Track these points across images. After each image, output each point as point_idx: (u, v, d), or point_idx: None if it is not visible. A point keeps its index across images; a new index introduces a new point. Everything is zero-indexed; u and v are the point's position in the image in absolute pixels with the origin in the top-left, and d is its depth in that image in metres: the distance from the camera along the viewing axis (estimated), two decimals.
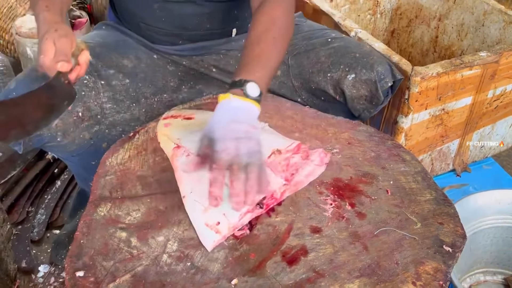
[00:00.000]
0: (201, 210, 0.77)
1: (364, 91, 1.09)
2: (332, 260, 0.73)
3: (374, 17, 1.96)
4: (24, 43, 1.70)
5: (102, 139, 1.07)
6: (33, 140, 0.98)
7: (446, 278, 0.71)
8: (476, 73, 1.32)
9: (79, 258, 0.72)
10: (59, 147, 1.03)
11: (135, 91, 1.10)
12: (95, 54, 1.08)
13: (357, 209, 0.82)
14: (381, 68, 1.09)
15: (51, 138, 1.00)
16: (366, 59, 1.09)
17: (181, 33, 1.12)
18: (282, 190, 0.82)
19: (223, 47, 1.17)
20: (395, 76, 1.12)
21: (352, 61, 1.09)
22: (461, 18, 1.68)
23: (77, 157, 1.10)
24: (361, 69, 1.09)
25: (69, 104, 0.86)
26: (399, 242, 0.76)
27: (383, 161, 0.93)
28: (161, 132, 0.95)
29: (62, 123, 0.99)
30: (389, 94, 1.14)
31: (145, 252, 0.73)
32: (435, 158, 1.50)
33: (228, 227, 0.75)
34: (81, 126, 1.03)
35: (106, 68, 1.07)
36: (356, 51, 1.11)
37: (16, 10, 1.95)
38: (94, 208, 0.81)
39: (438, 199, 0.84)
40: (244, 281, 0.70)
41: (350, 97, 1.10)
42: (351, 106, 1.12)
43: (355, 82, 1.09)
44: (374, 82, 1.08)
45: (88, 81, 1.03)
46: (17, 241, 1.37)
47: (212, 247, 0.74)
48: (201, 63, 1.17)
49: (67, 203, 1.51)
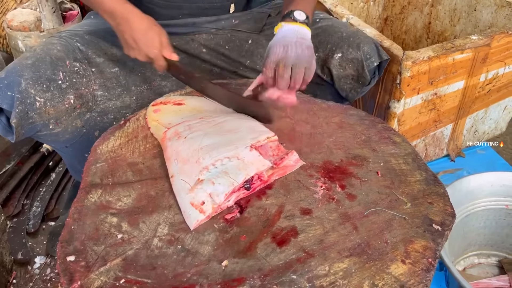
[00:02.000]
0: (187, 190, 0.78)
1: (351, 70, 1.10)
2: (322, 240, 0.73)
3: (367, 4, 1.95)
4: (16, 36, 1.69)
5: (94, 127, 1.07)
6: (26, 128, 0.97)
7: (435, 255, 0.71)
8: (468, 56, 1.32)
9: (70, 243, 0.72)
10: (51, 135, 1.03)
11: (125, 79, 1.10)
12: (85, 42, 1.08)
13: (348, 191, 0.82)
14: (367, 47, 1.10)
15: (44, 126, 1.00)
16: (353, 39, 1.11)
17: (181, 5, 1.12)
18: (269, 173, 0.82)
19: (213, 25, 1.17)
20: (381, 57, 1.13)
21: (339, 40, 1.11)
22: (453, 3, 1.67)
23: (70, 148, 1.10)
24: (348, 48, 1.10)
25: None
26: (389, 222, 0.76)
27: (374, 143, 0.93)
28: (151, 117, 0.96)
29: (54, 111, 0.99)
30: (376, 75, 1.14)
31: (136, 237, 0.74)
32: (429, 143, 1.50)
33: (213, 207, 0.76)
34: (73, 114, 1.03)
35: (96, 56, 1.07)
36: (343, 31, 1.13)
37: (8, 4, 1.94)
38: (85, 195, 0.81)
39: (428, 179, 0.85)
40: (235, 262, 0.70)
41: (337, 76, 1.11)
42: (338, 85, 1.13)
43: (341, 61, 1.10)
44: (361, 61, 1.09)
45: (79, 68, 1.03)
46: (13, 233, 1.38)
47: (195, 226, 0.74)
48: (191, 42, 1.17)
49: (62, 195, 1.51)
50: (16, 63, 0.99)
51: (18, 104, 0.93)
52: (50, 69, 0.98)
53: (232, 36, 1.17)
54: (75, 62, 1.03)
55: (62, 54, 1.02)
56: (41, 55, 1.00)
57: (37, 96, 0.96)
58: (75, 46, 1.06)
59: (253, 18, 1.20)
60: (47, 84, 0.97)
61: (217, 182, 0.77)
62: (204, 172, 0.79)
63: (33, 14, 1.75)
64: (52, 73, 0.98)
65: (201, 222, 0.75)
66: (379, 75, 1.15)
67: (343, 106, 1.04)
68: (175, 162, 0.82)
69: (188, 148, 0.84)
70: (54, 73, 0.99)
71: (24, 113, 0.95)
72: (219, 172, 0.79)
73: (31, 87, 0.95)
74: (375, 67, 1.12)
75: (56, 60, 1.00)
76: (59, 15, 1.72)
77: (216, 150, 0.83)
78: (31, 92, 0.95)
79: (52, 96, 0.98)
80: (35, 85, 0.96)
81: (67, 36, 1.08)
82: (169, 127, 0.91)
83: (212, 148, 0.84)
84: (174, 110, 0.97)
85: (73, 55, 1.04)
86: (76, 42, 1.07)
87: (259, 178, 0.81)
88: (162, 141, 0.89)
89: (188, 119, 0.93)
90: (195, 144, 0.85)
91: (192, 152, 0.82)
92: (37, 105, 0.96)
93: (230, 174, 0.79)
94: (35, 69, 0.97)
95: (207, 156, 0.82)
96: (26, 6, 1.84)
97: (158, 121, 0.94)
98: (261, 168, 0.81)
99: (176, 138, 0.87)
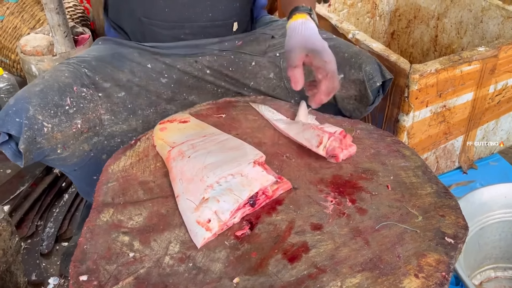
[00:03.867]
0: (192, 208, 0.78)
1: (353, 91, 1.10)
2: (333, 255, 0.73)
3: (373, 20, 1.97)
4: (29, 61, 1.74)
5: (102, 150, 1.09)
6: (34, 153, 0.99)
7: (449, 269, 0.70)
8: (476, 68, 1.32)
9: (83, 262, 0.72)
10: (59, 160, 1.05)
11: (131, 103, 1.12)
12: (92, 67, 1.10)
13: (358, 205, 0.82)
14: (369, 68, 1.09)
15: (52, 151, 1.01)
16: (355, 59, 1.10)
17: (183, 24, 1.13)
18: (274, 188, 0.83)
19: (216, 46, 1.19)
20: (385, 76, 1.11)
21: (341, 61, 1.10)
22: (459, 16, 1.68)
23: (78, 171, 1.11)
24: (350, 69, 1.10)
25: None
26: (401, 236, 0.76)
27: (383, 157, 0.93)
28: (157, 136, 0.97)
29: (61, 136, 1.01)
30: (380, 93, 1.13)
31: (148, 255, 0.74)
32: (440, 156, 1.49)
33: (219, 224, 0.76)
34: (80, 138, 1.04)
35: (103, 81, 1.09)
36: (345, 51, 1.12)
37: (21, 30, 2.00)
38: (97, 214, 0.82)
39: (439, 192, 0.84)
40: (246, 279, 0.70)
41: (340, 97, 1.11)
42: (341, 106, 1.12)
43: (344, 82, 1.10)
44: (363, 82, 1.09)
45: (86, 93, 1.05)
46: (27, 254, 1.39)
47: (201, 244, 0.75)
48: (195, 64, 1.18)
49: (75, 215, 1.53)
50: (25, 90, 1.01)
51: (26, 130, 0.95)
52: (58, 95, 1.00)
53: (235, 58, 1.19)
54: (82, 87, 1.05)
55: (70, 80, 1.04)
56: (49, 82, 1.02)
57: (44, 122, 0.98)
58: (83, 72, 1.08)
59: (256, 40, 1.21)
60: (55, 110, 0.99)
61: (222, 199, 0.78)
62: (209, 190, 0.80)
63: (46, 39, 1.79)
64: (59, 99, 1.00)
65: (208, 240, 0.75)
66: (383, 94, 1.14)
67: (351, 120, 1.05)
68: (180, 182, 0.83)
69: (192, 168, 0.85)
70: (62, 99, 1.01)
71: (32, 138, 0.97)
72: (224, 190, 0.80)
73: (39, 113, 0.97)
74: (379, 86, 1.11)
75: (63, 86, 1.02)
76: (71, 39, 1.76)
77: (220, 168, 0.84)
78: (39, 118, 0.97)
79: (60, 122, 1.00)
80: (43, 111, 0.98)
81: (75, 62, 1.11)
82: (174, 146, 0.92)
83: (216, 166, 0.85)
84: (179, 128, 0.98)
85: (80, 81, 1.06)
86: (83, 68, 1.09)
87: (263, 193, 0.81)
88: (167, 160, 0.90)
89: (191, 138, 0.94)
90: (199, 163, 0.86)
91: (196, 171, 0.83)
92: (45, 131, 0.98)
93: (235, 191, 0.79)
94: (43, 95, 0.99)
95: (211, 174, 0.83)
96: (39, 31, 1.89)
97: (163, 140, 0.95)
98: (265, 183, 0.81)
99: (180, 157, 0.88)
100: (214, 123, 1.03)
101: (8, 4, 2.04)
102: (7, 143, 0.97)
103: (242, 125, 1.03)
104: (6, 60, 2.06)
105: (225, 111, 1.07)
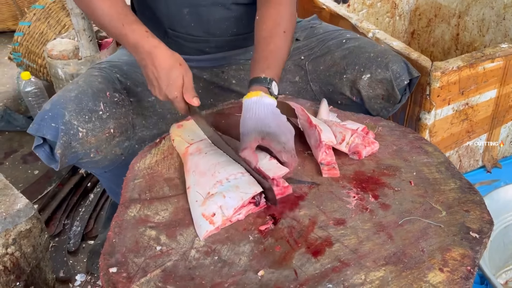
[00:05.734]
0: (200, 201, 0.81)
1: (381, 90, 1.09)
2: (357, 249, 0.73)
3: (392, 19, 1.96)
4: (56, 65, 1.79)
5: (133, 154, 1.11)
6: (69, 157, 1.02)
7: (474, 263, 0.70)
8: (499, 65, 1.30)
9: (112, 255, 0.75)
10: (92, 163, 1.08)
11: (161, 108, 1.14)
12: (124, 73, 1.12)
13: (381, 201, 0.82)
14: (396, 66, 1.08)
15: (85, 155, 1.04)
16: (381, 58, 1.09)
17: (208, 39, 1.14)
18: (285, 184, 0.85)
19: (242, 57, 1.20)
20: (412, 74, 1.10)
21: (366, 61, 1.10)
22: (481, 14, 1.67)
23: (108, 173, 1.14)
24: (376, 68, 1.09)
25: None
26: (424, 231, 0.76)
27: (405, 153, 0.93)
28: (175, 133, 1.00)
29: (95, 140, 1.03)
30: (407, 92, 1.12)
31: (174, 248, 0.76)
32: (463, 154, 1.48)
33: (223, 219, 0.78)
34: (112, 143, 1.06)
35: (134, 87, 1.12)
36: (371, 51, 1.12)
37: (47, 35, 2.06)
38: (124, 210, 0.84)
39: (463, 187, 0.84)
40: (271, 272, 0.71)
41: (367, 97, 1.10)
42: (368, 106, 1.12)
43: (370, 82, 1.09)
44: (390, 81, 1.08)
45: (118, 98, 1.07)
46: (54, 252, 1.43)
47: (205, 237, 0.77)
48: (221, 75, 1.20)
49: (100, 214, 1.56)
50: (60, 95, 1.03)
51: (62, 135, 0.98)
52: (92, 101, 1.03)
53: None
54: (115, 92, 1.07)
55: (103, 85, 1.06)
56: (84, 87, 1.05)
57: (79, 127, 1.00)
58: (115, 77, 1.11)
59: None
60: (89, 115, 1.02)
61: (228, 195, 0.80)
62: (218, 186, 0.82)
63: (71, 43, 1.85)
64: (93, 105, 1.02)
65: (210, 233, 0.78)
66: (410, 92, 1.13)
67: (372, 117, 1.05)
68: (192, 174, 0.86)
69: (207, 162, 0.88)
70: (95, 104, 1.03)
71: (67, 143, 0.99)
72: (231, 186, 0.82)
73: (74, 118, 1.00)
74: (406, 85, 1.10)
75: (97, 91, 1.05)
76: (96, 43, 1.81)
77: (233, 165, 0.86)
78: (74, 123, 1.00)
79: (94, 127, 1.02)
80: (78, 116, 1.00)
81: (107, 67, 1.13)
82: (192, 143, 0.95)
83: (230, 163, 0.87)
84: (195, 126, 1.00)
85: (113, 86, 1.08)
86: (115, 74, 1.11)
87: (277, 184, 0.83)
88: (184, 155, 0.93)
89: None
90: (214, 159, 0.89)
91: (210, 166, 0.86)
92: (80, 136, 1.01)
93: (241, 188, 0.81)
94: (78, 101, 1.01)
95: (223, 170, 0.85)
96: (64, 36, 1.95)
97: (181, 136, 0.98)
98: (278, 172, 0.83)
99: (198, 153, 0.91)
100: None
101: (34, 10, 2.10)
102: (41, 147, 1.00)
103: None
104: (33, 64, 2.12)
105: None
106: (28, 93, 1.95)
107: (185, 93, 0.92)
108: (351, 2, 1.80)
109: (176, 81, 0.91)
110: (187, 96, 0.92)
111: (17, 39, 2.12)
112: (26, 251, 1.14)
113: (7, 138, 2.00)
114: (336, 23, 1.52)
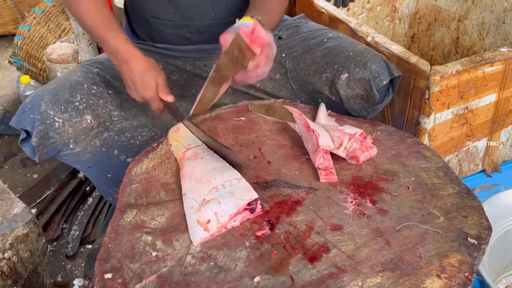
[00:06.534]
0: (195, 207, 0.80)
1: (359, 90, 1.08)
2: (354, 255, 0.73)
3: (392, 23, 1.96)
4: (55, 69, 1.79)
5: (113, 145, 1.12)
6: (48, 148, 1.04)
7: (472, 270, 0.69)
8: (498, 69, 1.30)
9: (107, 261, 0.74)
10: (73, 155, 1.09)
11: None
12: (104, 67, 1.16)
13: (378, 206, 0.82)
14: (375, 66, 1.06)
15: (64, 146, 1.06)
16: (360, 58, 1.08)
17: (187, 23, 1.16)
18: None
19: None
20: (392, 74, 1.08)
21: (345, 60, 1.09)
22: (481, 17, 1.66)
23: (93, 168, 1.15)
24: (354, 67, 1.07)
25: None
26: (422, 236, 0.75)
27: (404, 158, 0.92)
28: (172, 137, 1.01)
29: (72, 130, 1.06)
30: (390, 92, 1.10)
31: (170, 254, 0.75)
32: (463, 158, 1.47)
33: (217, 226, 0.78)
34: (91, 134, 1.09)
35: (113, 80, 1.14)
36: (350, 50, 1.10)
37: (47, 39, 2.06)
38: (120, 215, 0.84)
39: (462, 193, 0.83)
40: (267, 278, 0.70)
41: (345, 96, 1.09)
42: (347, 106, 1.10)
43: (349, 81, 1.08)
44: (368, 81, 1.06)
45: (96, 91, 1.10)
46: (52, 256, 1.43)
47: (198, 243, 0.77)
48: (204, 68, 1.21)
49: (99, 218, 1.56)
50: (40, 89, 1.08)
51: (38, 124, 1.01)
52: (69, 92, 1.06)
53: None
54: (93, 85, 1.10)
55: (81, 79, 1.10)
56: (62, 80, 1.09)
57: (55, 117, 1.03)
58: (94, 72, 1.14)
59: None
60: (65, 106, 1.05)
61: (223, 202, 0.79)
62: (213, 192, 0.82)
63: (71, 47, 1.85)
64: (70, 96, 1.06)
65: (205, 239, 0.77)
66: (393, 92, 1.11)
67: (371, 122, 1.05)
68: (188, 181, 0.86)
69: (203, 168, 0.88)
70: (72, 96, 1.06)
71: (44, 132, 1.02)
72: (227, 193, 0.81)
73: (50, 108, 1.03)
74: (387, 84, 1.08)
75: (75, 84, 1.08)
76: (95, 47, 1.81)
77: (229, 171, 0.86)
78: (50, 113, 1.03)
79: (70, 117, 1.05)
80: (54, 106, 1.03)
81: (88, 64, 1.17)
82: (189, 148, 0.95)
83: (225, 169, 0.87)
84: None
85: (91, 79, 1.11)
86: (95, 68, 1.15)
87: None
88: (181, 160, 0.93)
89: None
90: (210, 164, 0.89)
91: (206, 172, 0.86)
92: (56, 125, 1.04)
93: (236, 195, 0.80)
94: (55, 92, 1.05)
95: (219, 176, 0.85)
96: (64, 40, 1.95)
97: (178, 141, 0.98)
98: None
99: (194, 158, 0.91)
100: (233, 126, 1.05)
101: (34, 14, 2.11)
102: (27, 141, 1.04)
103: (261, 128, 1.04)
104: (33, 68, 2.13)
105: (244, 114, 1.09)
106: (28, 97, 1.95)
107: (160, 92, 0.99)
108: (351, 5, 1.80)
109: (149, 83, 0.98)
110: (162, 94, 0.99)
111: (17, 43, 2.12)
112: (23, 255, 1.14)
113: (7, 142, 2.00)
114: (336, 27, 1.51)
